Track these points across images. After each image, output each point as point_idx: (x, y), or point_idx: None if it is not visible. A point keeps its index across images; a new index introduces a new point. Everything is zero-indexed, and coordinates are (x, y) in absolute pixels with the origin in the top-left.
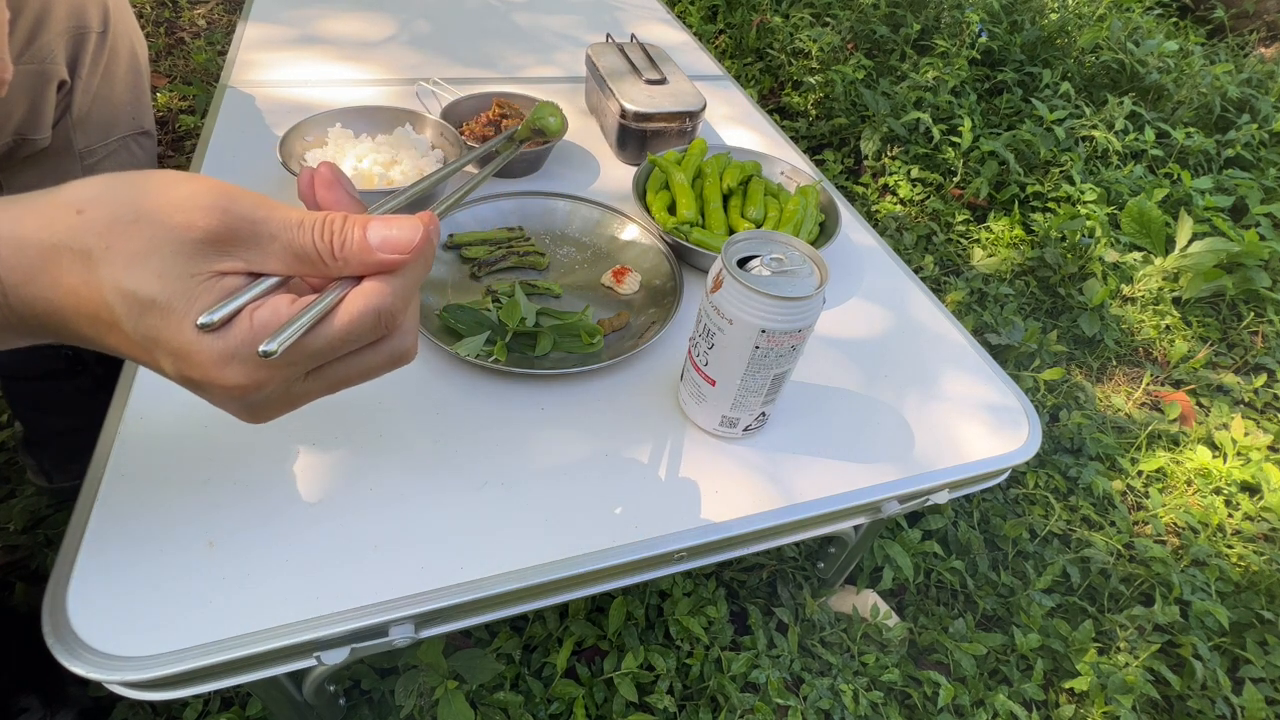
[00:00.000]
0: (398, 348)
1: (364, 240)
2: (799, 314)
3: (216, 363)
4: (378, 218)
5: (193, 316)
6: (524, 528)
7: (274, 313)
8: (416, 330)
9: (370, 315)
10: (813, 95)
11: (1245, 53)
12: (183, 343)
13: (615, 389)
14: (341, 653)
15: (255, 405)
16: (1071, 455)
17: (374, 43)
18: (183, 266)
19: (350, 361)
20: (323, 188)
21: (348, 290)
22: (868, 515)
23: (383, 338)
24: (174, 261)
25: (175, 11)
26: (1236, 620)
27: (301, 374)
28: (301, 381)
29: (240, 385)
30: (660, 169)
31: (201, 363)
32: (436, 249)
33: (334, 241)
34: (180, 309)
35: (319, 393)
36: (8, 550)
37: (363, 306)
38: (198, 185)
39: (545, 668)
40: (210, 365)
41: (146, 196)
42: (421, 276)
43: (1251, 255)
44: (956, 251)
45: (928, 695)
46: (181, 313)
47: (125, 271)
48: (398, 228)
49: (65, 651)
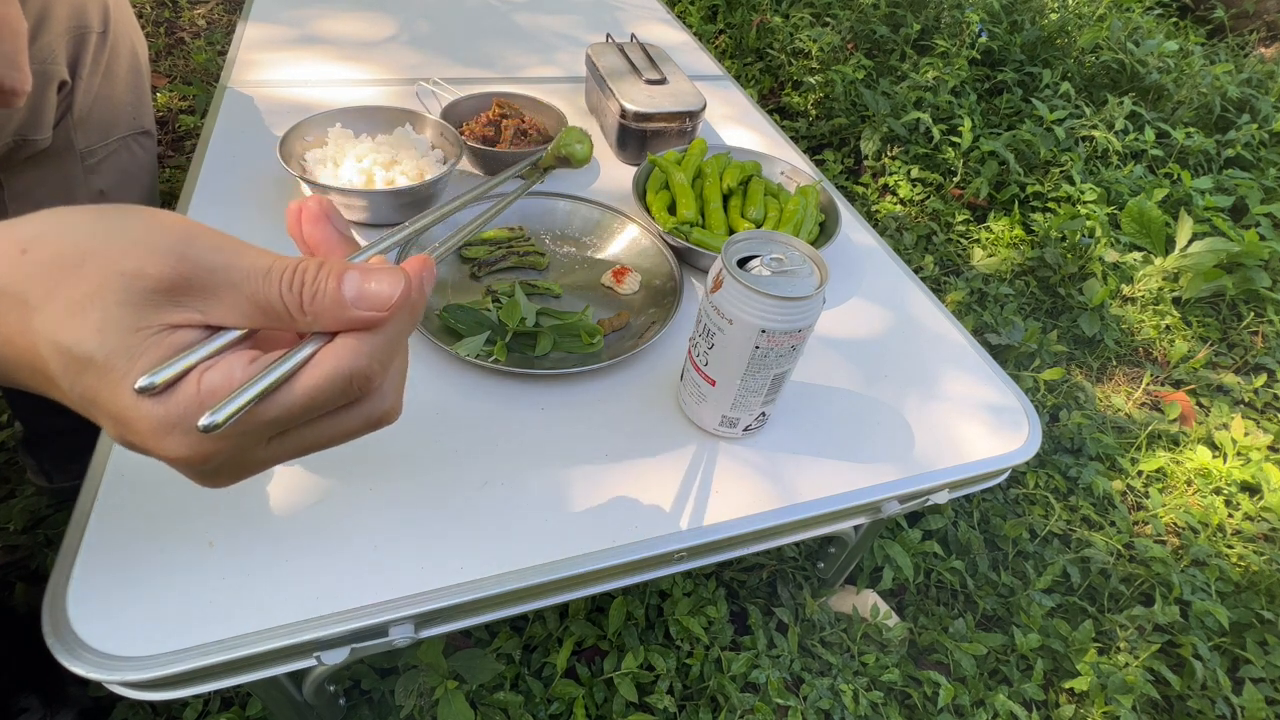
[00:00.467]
0: (374, 410)
1: (338, 293)
2: (799, 314)
3: (155, 432)
4: (357, 266)
5: (133, 377)
6: (524, 528)
7: (226, 376)
8: (400, 390)
9: (340, 380)
10: (813, 95)
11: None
12: (120, 407)
13: (615, 389)
14: (341, 653)
15: (205, 474)
16: (1071, 455)
17: (374, 43)
18: (128, 319)
19: (319, 426)
20: (310, 223)
21: (319, 348)
22: (868, 515)
23: (357, 400)
24: (118, 313)
25: (175, 11)
26: (1236, 620)
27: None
28: (263, 447)
29: (183, 458)
30: (660, 169)
31: (140, 430)
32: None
33: (304, 294)
34: (120, 368)
35: (283, 458)
36: (8, 550)
37: (331, 370)
38: (154, 225)
39: (545, 668)
40: (149, 434)
41: (94, 238)
42: (407, 331)
43: (1251, 255)
44: (956, 251)
45: (928, 695)
46: (121, 372)
47: (62, 324)
48: (376, 281)
49: (65, 651)
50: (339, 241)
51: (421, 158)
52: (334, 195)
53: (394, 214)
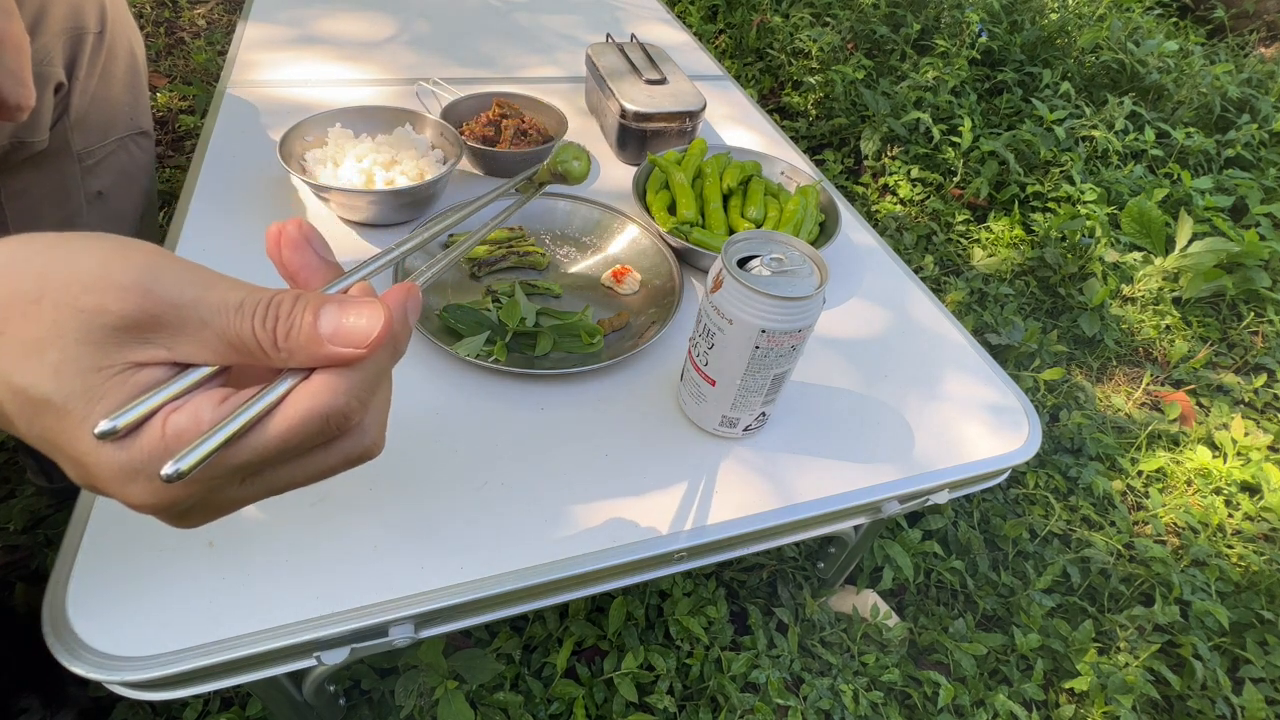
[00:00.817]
0: (354, 448)
1: (314, 329)
2: (799, 314)
3: (117, 479)
4: (335, 298)
5: (93, 421)
6: (524, 528)
7: (193, 419)
8: (383, 424)
9: (316, 420)
10: (813, 95)
11: (1245, 53)
12: (80, 452)
13: (615, 389)
14: (341, 653)
15: (175, 516)
16: (1071, 455)
17: (374, 43)
18: (88, 358)
19: (295, 466)
20: (289, 249)
21: (294, 385)
22: (868, 515)
23: (336, 438)
24: (77, 352)
25: (175, 11)
26: (1236, 620)
27: (232, 484)
28: (235, 488)
29: (148, 505)
30: (660, 169)
31: (101, 477)
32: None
33: (278, 329)
34: (78, 412)
35: (258, 497)
36: (8, 550)
37: (307, 410)
38: (118, 256)
39: (545, 668)
40: (111, 481)
41: (54, 269)
42: (389, 366)
43: (1251, 255)
44: (956, 251)
45: (928, 695)
46: (80, 416)
47: (18, 364)
48: (355, 314)
49: (65, 651)
50: (320, 267)
51: (421, 158)
52: (334, 195)
53: (394, 214)
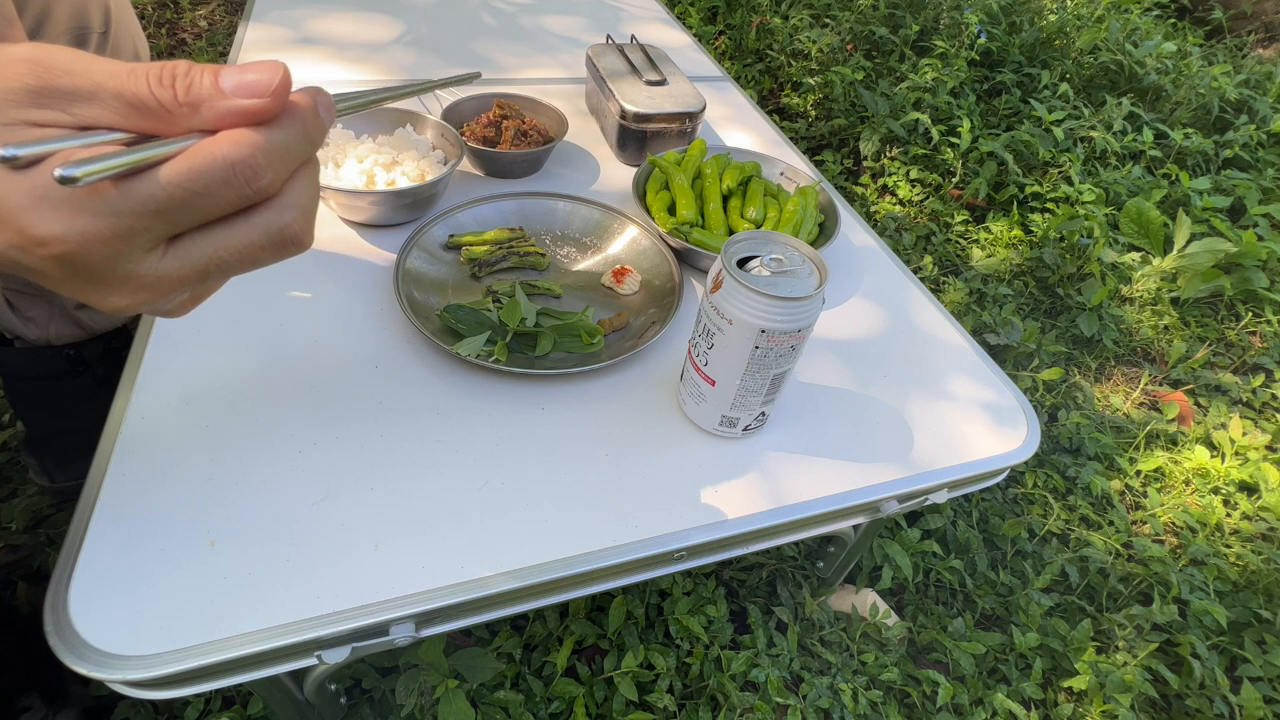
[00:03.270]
0: (273, 222)
1: (215, 84)
2: (799, 314)
3: (25, 207)
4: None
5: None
6: (524, 527)
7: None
8: (309, 213)
9: (219, 164)
10: (812, 96)
11: (1243, 54)
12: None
13: (615, 389)
14: (342, 652)
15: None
16: (1070, 455)
17: (375, 44)
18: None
19: (215, 234)
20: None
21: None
22: (867, 515)
23: (253, 207)
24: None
25: (177, 13)
26: (1235, 619)
27: (148, 241)
28: (159, 258)
29: (58, 237)
30: (660, 170)
31: (9, 210)
32: (326, 127)
33: (177, 86)
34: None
35: (187, 275)
36: (10, 550)
37: (209, 153)
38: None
39: (545, 666)
40: (18, 211)
41: None
42: (301, 142)
43: (1249, 255)
44: (955, 252)
45: (927, 694)
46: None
47: None
48: (255, 71)
49: (67, 650)
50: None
51: (422, 158)
52: (335, 196)
53: (395, 215)
